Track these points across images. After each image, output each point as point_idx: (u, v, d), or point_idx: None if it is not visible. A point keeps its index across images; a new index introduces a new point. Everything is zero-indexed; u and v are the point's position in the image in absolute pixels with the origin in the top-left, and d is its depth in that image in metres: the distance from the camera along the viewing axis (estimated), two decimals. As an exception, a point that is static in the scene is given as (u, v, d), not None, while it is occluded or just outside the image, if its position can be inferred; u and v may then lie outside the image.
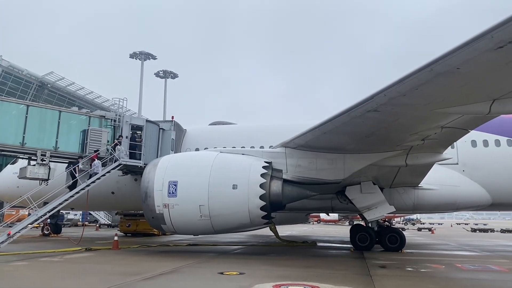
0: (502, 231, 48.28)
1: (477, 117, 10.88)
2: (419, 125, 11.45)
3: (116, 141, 17.52)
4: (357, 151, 13.42)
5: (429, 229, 47.74)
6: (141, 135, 18.59)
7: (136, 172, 18.77)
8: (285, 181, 13.48)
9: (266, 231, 18.40)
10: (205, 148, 17.48)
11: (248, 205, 12.54)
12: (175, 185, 12.96)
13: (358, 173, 13.99)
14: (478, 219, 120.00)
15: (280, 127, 19.41)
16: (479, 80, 8.62)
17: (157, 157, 17.60)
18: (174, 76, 57.56)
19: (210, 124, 23.58)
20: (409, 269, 11.28)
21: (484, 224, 64.77)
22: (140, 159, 17.90)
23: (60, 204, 15.72)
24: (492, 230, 49.36)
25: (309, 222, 59.45)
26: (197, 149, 18.89)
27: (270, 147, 15.46)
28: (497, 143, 16.91)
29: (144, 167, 15.34)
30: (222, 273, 9.54)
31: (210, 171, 12.91)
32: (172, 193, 12.94)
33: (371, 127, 11.51)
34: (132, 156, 17.85)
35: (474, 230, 49.61)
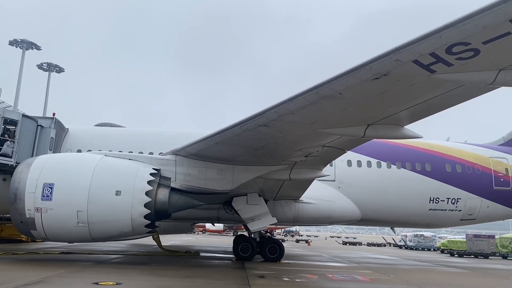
0: (368, 244, 53.54)
1: (353, 139, 12.03)
2: (304, 142, 12.25)
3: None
4: (246, 163, 13.79)
5: (306, 241, 50.78)
6: (14, 131, 16.73)
7: (5, 171, 16.81)
8: (173, 189, 13.23)
9: (149, 240, 17.83)
10: (88, 150, 16.36)
11: (131, 213, 12.02)
12: (51, 188, 11.90)
13: (245, 185, 14.37)
14: (349, 233, 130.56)
15: (173, 134, 19.07)
16: (357, 105, 9.55)
17: (32, 156, 16.01)
18: (59, 70, 53.19)
19: (96, 125, 22.18)
20: (286, 279, 11.83)
21: (353, 238, 70.82)
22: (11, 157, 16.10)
23: None
24: (360, 244, 54.38)
25: (194, 232, 59.07)
26: (79, 151, 17.60)
27: (160, 153, 15.10)
28: (369, 164, 18.72)
29: (16, 166, 13.85)
30: (97, 284, 8.97)
31: (92, 175, 12.12)
32: (47, 196, 11.85)
33: (261, 141, 11.97)
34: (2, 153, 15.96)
35: (345, 243, 54.15)
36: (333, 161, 16.33)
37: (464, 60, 7.30)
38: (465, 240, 37.48)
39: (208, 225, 53.98)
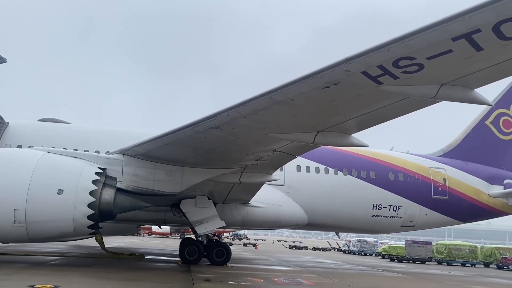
0: (314, 249, 54.73)
1: (303, 145, 12.28)
2: (255, 146, 12.35)
3: None
4: (196, 165, 13.66)
5: (254, 245, 51.07)
6: None
7: None
8: (119, 189, 12.83)
9: (91, 242, 17.17)
10: (29, 146, 15.55)
11: (73, 213, 11.50)
12: (-14, 185, 11.17)
13: (194, 187, 14.22)
14: (295, 237, 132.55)
15: (121, 133, 18.53)
16: (308, 112, 9.78)
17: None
18: (1, 60, 50.30)
19: (39, 120, 21.11)
20: (231, 282, 11.84)
21: (300, 242, 71.96)
22: None
23: None
24: (306, 248, 55.43)
25: (140, 234, 57.65)
26: (19, 146, 16.70)
27: (106, 152, 14.62)
28: (317, 170, 19.13)
29: None
30: (32, 286, 8.53)
31: (32, 172, 11.49)
32: (-19, 193, 11.11)
33: (213, 143, 11.92)
34: None
35: (291, 247, 54.96)
36: (283, 166, 16.55)
37: (409, 73, 7.69)
38: (404, 246, 39.16)
39: (155, 227, 52.89)
